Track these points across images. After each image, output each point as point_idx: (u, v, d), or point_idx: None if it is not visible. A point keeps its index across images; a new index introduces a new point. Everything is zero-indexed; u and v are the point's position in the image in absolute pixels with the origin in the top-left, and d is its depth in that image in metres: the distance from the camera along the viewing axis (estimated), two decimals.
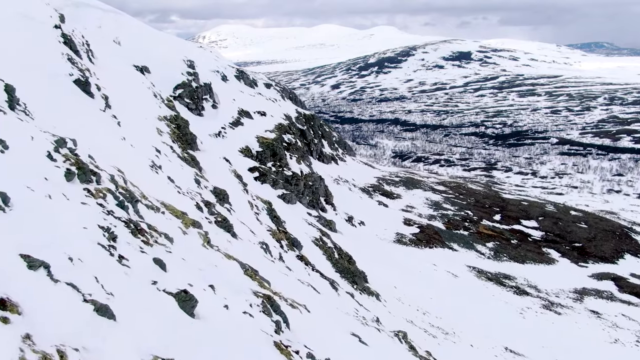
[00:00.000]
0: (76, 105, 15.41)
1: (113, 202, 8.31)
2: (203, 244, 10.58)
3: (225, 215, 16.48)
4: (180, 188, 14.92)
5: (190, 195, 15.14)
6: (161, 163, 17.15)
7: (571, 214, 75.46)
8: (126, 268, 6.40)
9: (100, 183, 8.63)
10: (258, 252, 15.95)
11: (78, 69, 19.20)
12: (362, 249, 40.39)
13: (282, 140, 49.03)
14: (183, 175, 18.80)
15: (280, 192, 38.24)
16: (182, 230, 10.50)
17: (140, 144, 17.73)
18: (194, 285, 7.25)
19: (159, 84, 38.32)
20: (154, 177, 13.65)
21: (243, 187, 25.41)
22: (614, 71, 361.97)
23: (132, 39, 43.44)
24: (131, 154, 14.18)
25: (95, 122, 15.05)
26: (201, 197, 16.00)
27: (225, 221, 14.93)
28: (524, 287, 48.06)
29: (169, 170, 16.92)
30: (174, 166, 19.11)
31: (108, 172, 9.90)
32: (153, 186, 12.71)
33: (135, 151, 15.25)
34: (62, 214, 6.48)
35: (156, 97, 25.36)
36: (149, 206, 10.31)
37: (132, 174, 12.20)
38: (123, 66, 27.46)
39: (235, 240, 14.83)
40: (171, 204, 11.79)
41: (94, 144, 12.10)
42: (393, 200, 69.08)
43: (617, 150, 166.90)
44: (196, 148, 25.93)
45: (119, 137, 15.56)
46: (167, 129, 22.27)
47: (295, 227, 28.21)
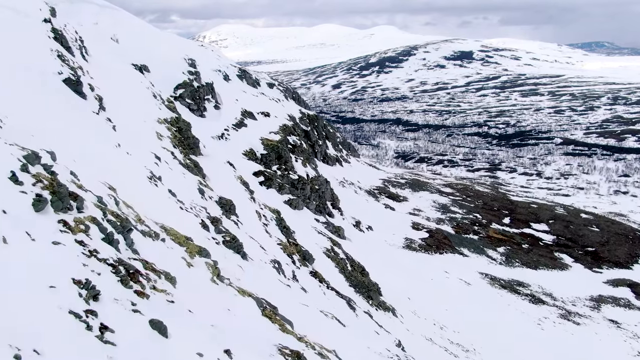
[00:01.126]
0: (64, 108, 13.50)
1: (98, 236, 6.44)
2: (212, 277, 8.71)
3: (234, 233, 14.59)
4: (183, 203, 13.01)
5: (195, 211, 13.24)
6: (161, 172, 15.24)
7: (582, 216, 73.55)
8: (110, 348, 4.51)
9: (82, 210, 6.74)
10: (271, 275, 14.07)
11: (69, 67, 17.29)
12: (372, 257, 38.48)
13: (287, 142, 47.14)
14: (186, 185, 16.88)
15: (286, 197, 36.35)
16: (187, 262, 8.63)
17: (138, 151, 15.82)
18: (205, 355, 5.38)
19: (159, 84, 36.42)
20: (153, 191, 11.76)
21: (250, 195, 23.51)
22: (616, 71, 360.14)
23: (130, 36, 41.53)
24: (127, 164, 12.28)
25: (85, 127, 13.14)
26: (206, 212, 14.10)
27: (234, 240, 13.04)
28: (539, 295, 46.15)
29: (169, 180, 15.01)
30: (176, 175, 17.20)
31: (95, 192, 8.02)
32: (152, 203, 10.83)
33: (131, 160, 13.35)
34: (17, 266, 4.61)
35: (156, 97, 23.45)
36: (145, 233, 8.44)
37: (127, 189, 10.31)
38: (120, 65, 25.57)
39: (246, 262, 12.95)
40: (173, 228, 9.90)
41: (81, 154, 10.20)
42: (399, 203, 67.16)
43: (622, 151, 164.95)
44: (199, 153, 24.03)
45: (113, 143, 13.65)
46: (167, 133, 20.37)
47: (305, 237, 26.30)
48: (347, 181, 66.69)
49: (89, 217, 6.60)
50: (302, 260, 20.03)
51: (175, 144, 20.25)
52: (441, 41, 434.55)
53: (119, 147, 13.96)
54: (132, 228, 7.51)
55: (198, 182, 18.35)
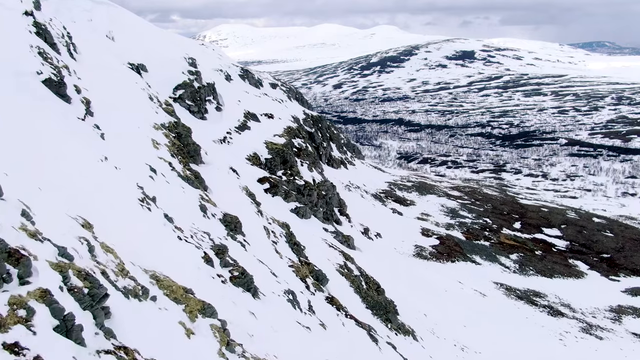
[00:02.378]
0: (40, 114, 11.25)
1: (48, 326, 4.20)
2: (220, 349, 6.49)
3: (241, 258, 12.37)
4: (182, 230, 10.76)
5: (196, 239, 10.99)
6: (156, 189, 13.00)
7: (594, 221, 71.29)
8: None
9: (28, 279, 4.48)
10: (287, 315, 11.84)
11: (51, 65, 15.04)
12: (384, 269, 36.23)
13: (292, 145, 44.90)
14: (185, 203, 14.63)
15: (293, 205, 34.10)
16: (186, 330, 6.42)
17: (129, 164, 13.56)
18: None
19: (158, 84, 34.19)
20: (144, 219, 9.53)
21: (256, 208, 21.24)
22: (619, 70, 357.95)
23: (127, 34, 39.31)
24: (113, 184, 10.05)
25: (64, 138, 10.88)
26: (209, 239, 11.84)
27: (244, 275, 10.81)
28: (557, 307, 43.91)
29: (166, 199, 12.76)
30: (174, 190, 14.94)
31: (58, 238, 5.78)
32: (142, 237, 8.59)
33: (120, 177, 11.11)
34: None
35: (152, 100, 21.18)
36: (129, 292, 6.23)
37: (110, 222, 8.07)
38: (114, 64, 23.33)
39: (258, 302, 10.73)
40: (167, 277, 7.67)
41: (51, 177, 7.95)
42: (407, 208, 64.94)
43: (628, 152, 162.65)
44: (200, 161, 21.78)
45: (98, 157, 11.40)
46: (164, 140, 18.13)
47: (316, 252, 24.05)
48: (353, 185, 64.43)
49: (37, 293, 4.35)
50: (316, 284, 17.78)
51: (173, 152, 17.99)
52: (443, 41, 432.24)
53: (105, 160, 11.70)
54: (108, 294, 5.29)
55: (199, 197, 16.08)
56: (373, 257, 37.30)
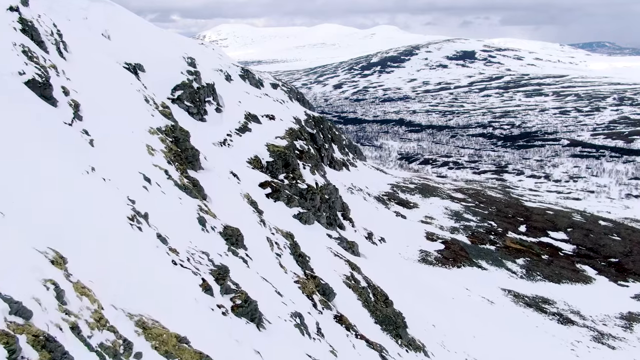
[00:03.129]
0: (17, 120, 9.99)
1: None
2: None
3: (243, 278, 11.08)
4: (177, 252, 9.49)
5: (194, 263, 9.72)
6: (150, 202, 11.74)
7: (600, 224, 70.06)
8: None
9: None
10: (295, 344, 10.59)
11: (37, 65, 13.78)
12: (389, 276, 34.99)
13: (294, 147, 43.64)
14: (182, 215, 13.36)
15: (295, 210, 32.84)
16: None
17: (121, 174, 12.28)
18: None
19: (155, 85, 32.91)
20: (133, 243, 8.27)
21: (259, 217, 19.94)
22: (620, 71, 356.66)
23: (124, 33, 38.04)
24: (98, 201, 8.78)
25: (45, 147, 9.62)
26: (208, 260, 10.57)
27: (247, 303, 9.55)
28: (567, 314, 42.67)
29: (161, 214, 11.50)
30: (170, 202, 13.67)
31: (12, 289, 4.50)
32: (129, 268, 7.33)
33: (107, 191, 9.84)
34: None
35: (148, 102, 19.88)
36: (106, 350, 4.98)
37: (90, 252, 6.81)
38: (108, 64, 22.05)
39: (263, 334, 9.48)
40: (158, 321, 6.40)
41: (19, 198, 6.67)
42: (410, 210, 63.67)
43: (631, 153, 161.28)
44: (199, 167, 20.49)
45: (83, 167, 10.13)
46: (160, 146, 16.85)
47: (321, 262, 22.78)
48: (356, 187, 63.16)
49: None
50: (324, 301, 16.53)
51: (170, 158, 16.71)
52: (443, 41, 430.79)
53: (92, 172, 10.42)
54: None
55: (198, 209, 14.81)
56: (378, 264, 36.04)
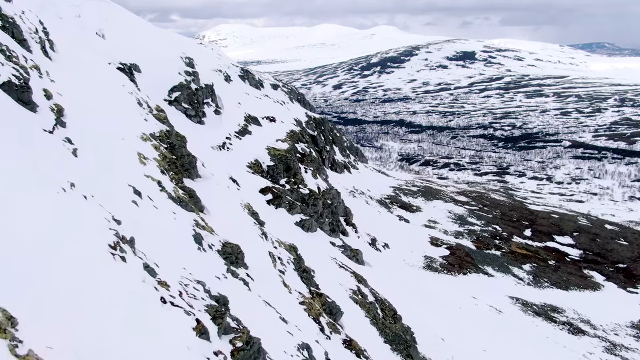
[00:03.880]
0: None
1: None
2: None
3: (246, 325, 9.71)
4: (168, 286, 8.09)
5: (187, 297, 8.33)
6: (138, 223, 10.37)
7: (607, 228, 68.74)
8: None
9: None
10: None
11: (16, 65, 12.43)
12: (394, 285, 33.64)
13: (296, 150, 42.26)
14: (176, 234, 11.98)
15: (298, 217, 31.47)
16: None
17: (106, 188, 10.90)
18: None
19: (152, 86, 31.54)
20: (114, 279, 6.87)
21: (260, 229, 18.55)
22: (621, 72, 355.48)
23: (120, 32, 36.69)
24: (73, 227, 7.40)
25: (14, 161, 8.24)
26: (204, 291, 9.17)
27: (249, 345, 8.20)
28: (577, 323, 41.30)
29: (150, 236, 10.13)
30: (162, 218, 12.29)
31: None
32: (106, 317, 5.94)
33: (87, 213, 8.47)
34: None
35: (141, 105, 18.50)
36: None
37: (54, 302, 5.44)
38: (98, 64, 20.67)
39: None
40: None
41: None
42: (413, 214, 62.30)
43: (633, 154, 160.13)
44: (196, 174, 19.10)
45: (60, 184, 8.75)
46: (154, 153, 15.47)
47: (326, 276, 21.40)
48: (357, 190, 61.79)
49: None
50: (331, 324, 15.16)
51: (164, 168, 15.33)
52: (443, 41, 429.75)
53: (72, 188, 9.03)
54: None
55: (194, 224, 13.43)
56: (383, 273, 34.68)
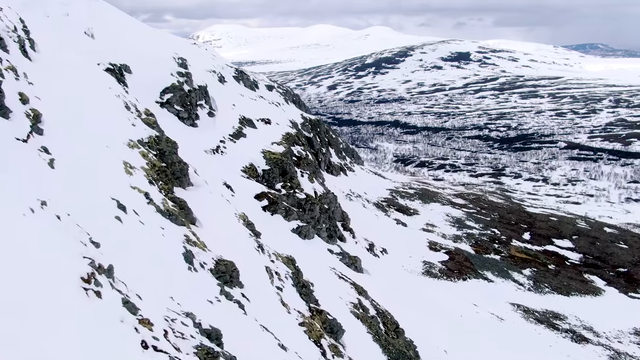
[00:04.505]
0: None
1: None
2: None
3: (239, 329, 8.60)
4: (152, 325, 6.96)
5: (173, 337, 7.21)
6: (120, 244, 9.24)
7: (606, 231, 67.90)
8: None
9: None
10: None
11: None
12: (395, 294, 32.58)
13: (292, 153, 41.15)
14: (163, 254, 10.84)
15: (294, 224, 30.39)
16: None
17: (86, 205, 9.75)
18: None
19: (143, 88, 30.37)
20: (85, 319, 5.74)
21: (256, 240, 17.40)
22: (615, 72, 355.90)
23: (110, 31, 35.47)
24: (39, 257, 6.28)
25: None
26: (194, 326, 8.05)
27: None
28: (580, 331, 40.37)
29: (134, 259, 9.00)
30: (149, 236, 11.15)
31: None
32: None
33: (59, 237, 7.33)
34: None
35: (129, 109, 17.32)
36: None
37: None
38: (84, 65, 19.48)
39: None
40: None
41: None
42: (410, 217, 61.28)
43: (629, 155, 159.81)
44: (187, 183, 17.94)
45: (28, 203, 7.62)
46: (142, 162, 14.34)
47: (326, 289, 20.30)
48: (354, 193, 60.73)
49: None
50: (333, 347, 14.06)
51: (152, 177, 14.19)
52: (438, 42, 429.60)
53: (42, 207, 7.90)
54: None
55: (184, 240, 12.31)
56: (382, 281, 33.62)
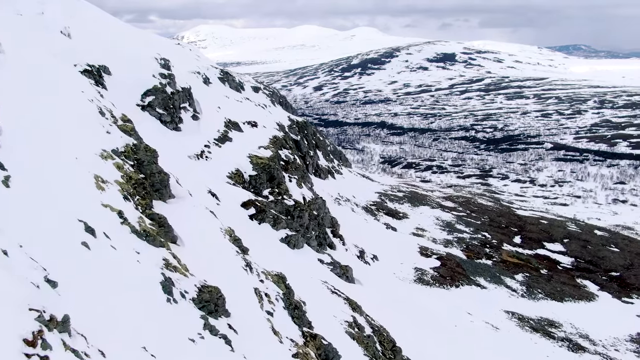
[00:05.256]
0: None
1: None
2: None
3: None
4: None
5: None
6: (85, 278, 7.82)
7: (597, 234, 67.25)
8: None
9: None
10: None
11: None
12: (387, 305, 31.33)
13: (279, 157, 39.73)
14: (137, 286, 9.40)
15: (283, 233, 28.98)
16: None
17: (45, 231, 8.29)
18: None
19: (123, 90, 28.82)
20: None
21: (243, 258, 15.92)
22: (599, 74, 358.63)
23: (89, 31, 33.81)
24: None
25: None
26: None
27: None
28: (576, 339, 39.40)
29: (100, 297, 7.58)
30: (120, 264, 9.70)
31: None
32: None
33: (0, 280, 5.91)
34: None
35: (104, 114, 15.77)
36: None
37: None
38: (55, 66, 17.92)
39: None
40: None
41: None
42: (400, 221, 60.10)
43: (615, 156, 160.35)
44: (168, 195, 16.43)
45: None
46: (116, 175, 12.88)
47: (318, 307, 18.91)
48: (343, 197, 59.46)
49: None
50: None
51: (128, 192, 12.74)
52: (423, 43, 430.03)
53: None
54: None
55: (163, 265, 10.87)
56: (375, 292, 32.33)
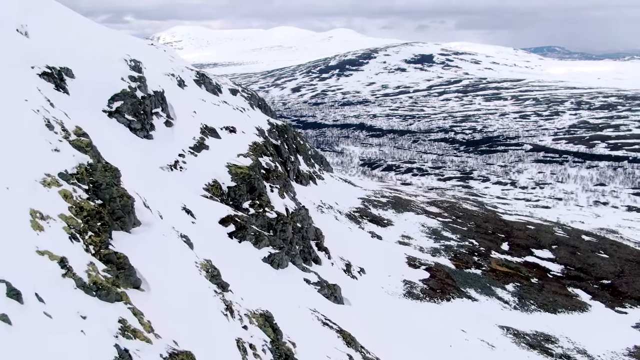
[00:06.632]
0: None
1: None
2: None
3: None
4: None
5: None
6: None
7: (584, 239, 65.81)
8: None
9: None
10: None
11: None
12: (378, 327, 28.92)
13: (260, 166, 37.08)
14: None
15: (265, 251, 26.35)
16: None
17: None
18: None
19: (87, 95, 25.98)
20: None
21: (222, 299, 13.32)
22: (575, 75, 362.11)
23: (50, 29, 30.87)
24: None
25: None
26: None
27: None
28: (574, 355, 37.42)
29: None
30: (57, 341, 7.10)
31: None
32: None
33: None
34: None
35: (52, 128, 12.99)
36: None
37: None
38: (6, 69, 15.14)
39: None
40: None
41: None
42: (385, 229, 57.84)
43: (593, 158, 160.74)
44: (132, 222, 13.73)
45: None
46: (62, 206, 10.22)
47: (309, 346, 16.38)
48: (325, 204, 56.98)
49: None
50: None
51: (77, 228, 10.10)
52: (401, 44, 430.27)
53: None
54: None
55: (118, 330, 8.27)
56: (366, 313, 29.89)
